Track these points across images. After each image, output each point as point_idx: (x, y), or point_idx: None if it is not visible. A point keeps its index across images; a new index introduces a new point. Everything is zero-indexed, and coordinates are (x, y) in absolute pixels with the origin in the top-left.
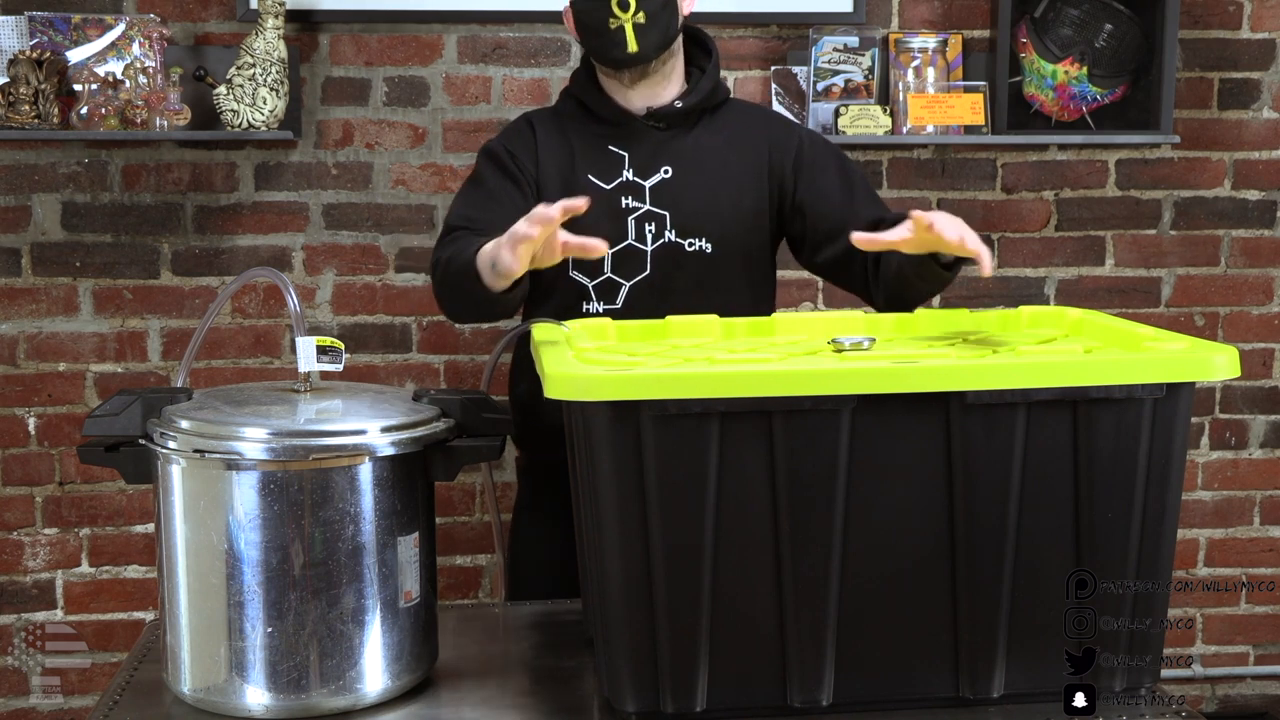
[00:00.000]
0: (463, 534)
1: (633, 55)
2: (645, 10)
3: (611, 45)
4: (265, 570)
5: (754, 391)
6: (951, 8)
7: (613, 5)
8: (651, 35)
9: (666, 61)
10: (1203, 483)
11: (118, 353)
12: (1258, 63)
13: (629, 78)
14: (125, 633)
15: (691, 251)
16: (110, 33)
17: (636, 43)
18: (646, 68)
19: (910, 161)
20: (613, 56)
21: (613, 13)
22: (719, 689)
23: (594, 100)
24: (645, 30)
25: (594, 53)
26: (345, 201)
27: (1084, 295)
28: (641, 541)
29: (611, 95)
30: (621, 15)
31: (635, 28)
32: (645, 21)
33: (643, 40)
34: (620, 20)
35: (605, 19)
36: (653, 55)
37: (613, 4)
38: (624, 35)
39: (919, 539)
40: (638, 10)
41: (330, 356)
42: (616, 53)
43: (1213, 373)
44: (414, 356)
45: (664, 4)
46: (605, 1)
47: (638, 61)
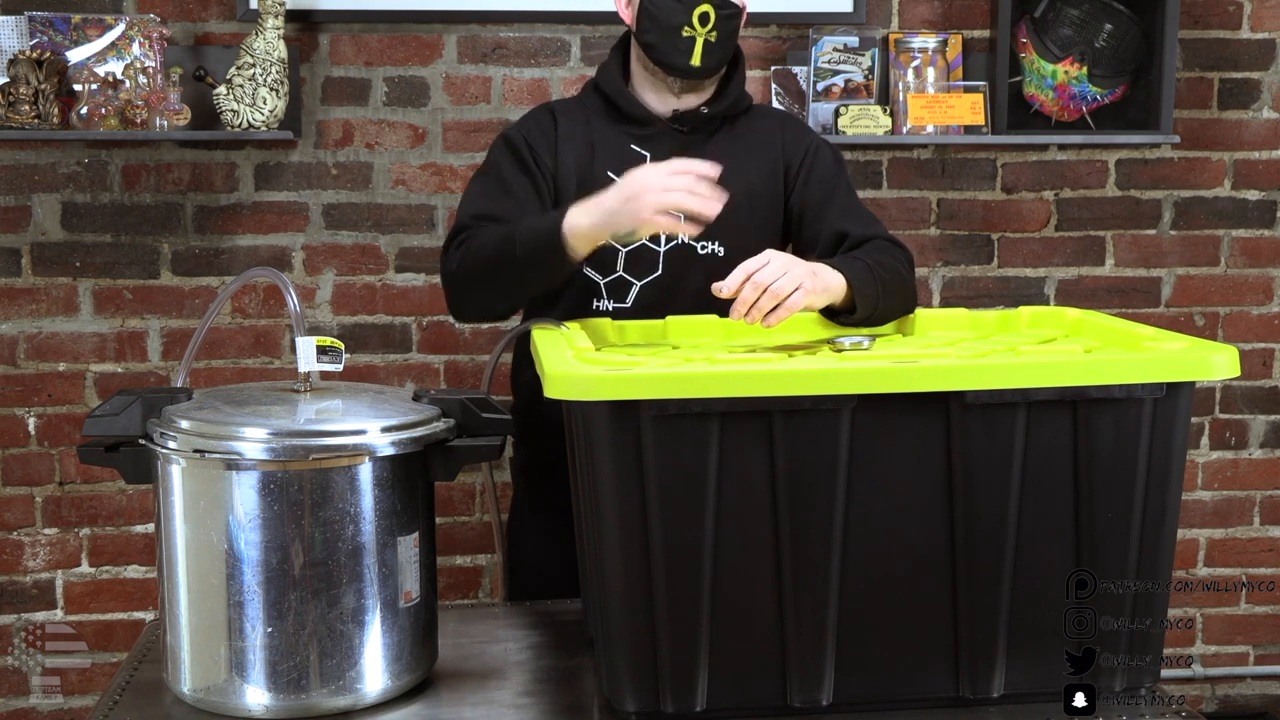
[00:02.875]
0: (463, 534)
1: (695, 69)
2: (720, 30)
3: (677, 51)
4: (265, 570)
5: (754, 391)
6: (951, 8)
7: (694, 16)
8: (716, 54)
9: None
10: (1203, 483)
11: (118, 353)
12: (1258, 63)
13: (680, 86)
14: (125, 633)
15: (704, 254)
16: (110, 33)
17: (702, 59)
18: (700, 83)
19: (910, 161)
20: (675, 63)
21: (690, 22)
22: (719, 689)
23: (621, 98)
24: (713, 49)
25: (653, 50)
26: (345, 201)
27: (1084, 295)
28: (641, 541)
29: (640, 94)
30: (699, 29)
31: (705, 44)
32: (716, 41)
33: (708, 58)
34: (695, 33)
35: (680, 25)
36: (711, 73)
37: (694, 16)
38: (693, 46)
39: (919, 539)
40: (714, 28)
41: (330, 356)
42: (680, 60)
43: (1213, 373)
44: (414, 356)
45: (733, 30)
46: (688, 9)
47: (698, 75)
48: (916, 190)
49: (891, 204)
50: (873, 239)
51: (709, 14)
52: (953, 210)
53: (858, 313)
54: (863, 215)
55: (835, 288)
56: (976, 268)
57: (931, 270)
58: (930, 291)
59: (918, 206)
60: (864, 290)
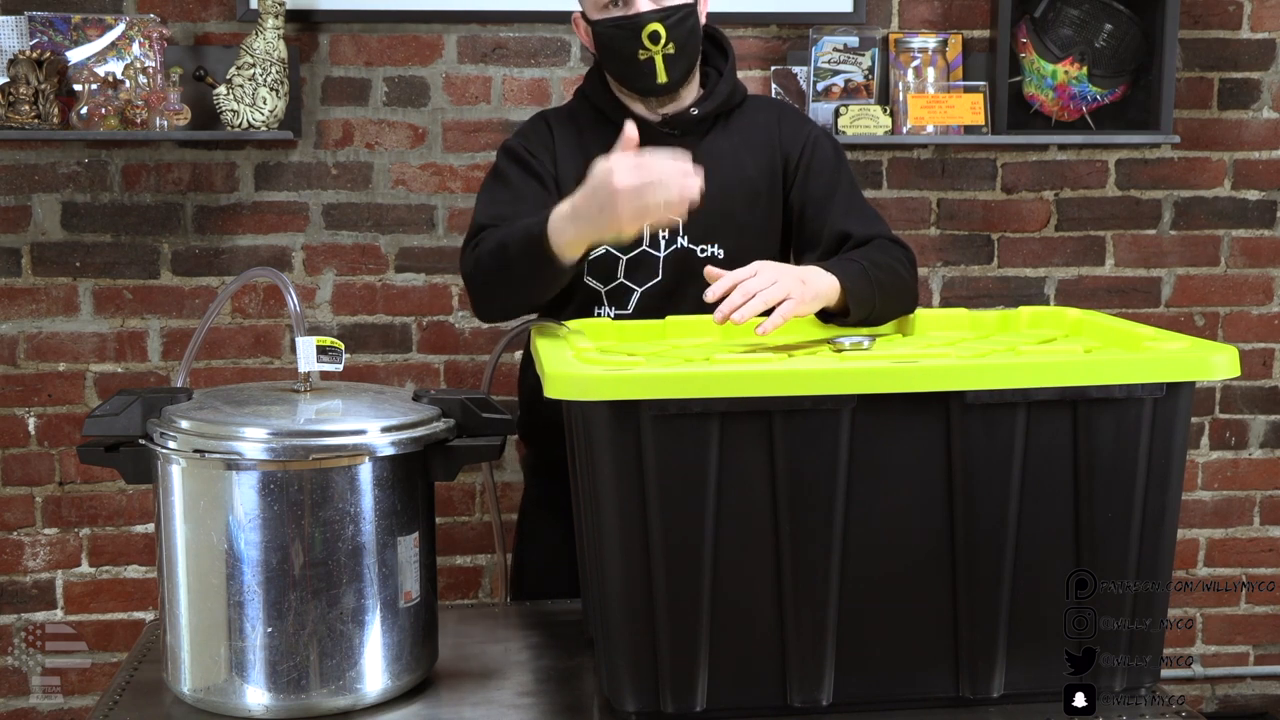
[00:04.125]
0: (463, 534)
1: (663, 85)
2: (675, 41)
3: (640, 75)
4: (265, 570)
5: (754, 391)
6: (951, 8)
7: (643, 38)
8: (680, 63)
9: (692, 80)
10: (1203, 483)
11: (118, 353)
12: (1258, 63)
13: (656, 103)
14: (125, 633)
15: (704, 258)
16: (110, 33)
17: (667, 74)
18: (676, 93)
19: (910, 161)
20: (642, 86)
21: (643, 45)
22: (719, 689)
23: (609, 106)
24: (675, 60)
25: (620, 78)
26: (345, 201)
27: (1084, 295)
28: (641, 541)
29: (627, 103)
30: (652, 48)
31: (665, 59)
32: (675, 52)
33: (673, 70)
34: (651, 52)
35: (634, 50)
36: (683, 82)
37: (643, 37)
38: (654, 66)
39: (919, 539)
40: (668, 42)
41: (330, 356)
42: (646, 83)
43: (1213, 373)
44: (414, 356)
45: (690, 30)
46: (634, 33)
47: (668, 91)
48: (916, 190)
49: (891, 204)
50: (874, 238)
51: (659, 32)
52: (953, 210)
53: (852, 315)
54: (865, 213)
55: (827, 292)
56: (976, 268)
57: (931, 270)
58: (930, 291)
59: (918, 206)
60: (858, 293)
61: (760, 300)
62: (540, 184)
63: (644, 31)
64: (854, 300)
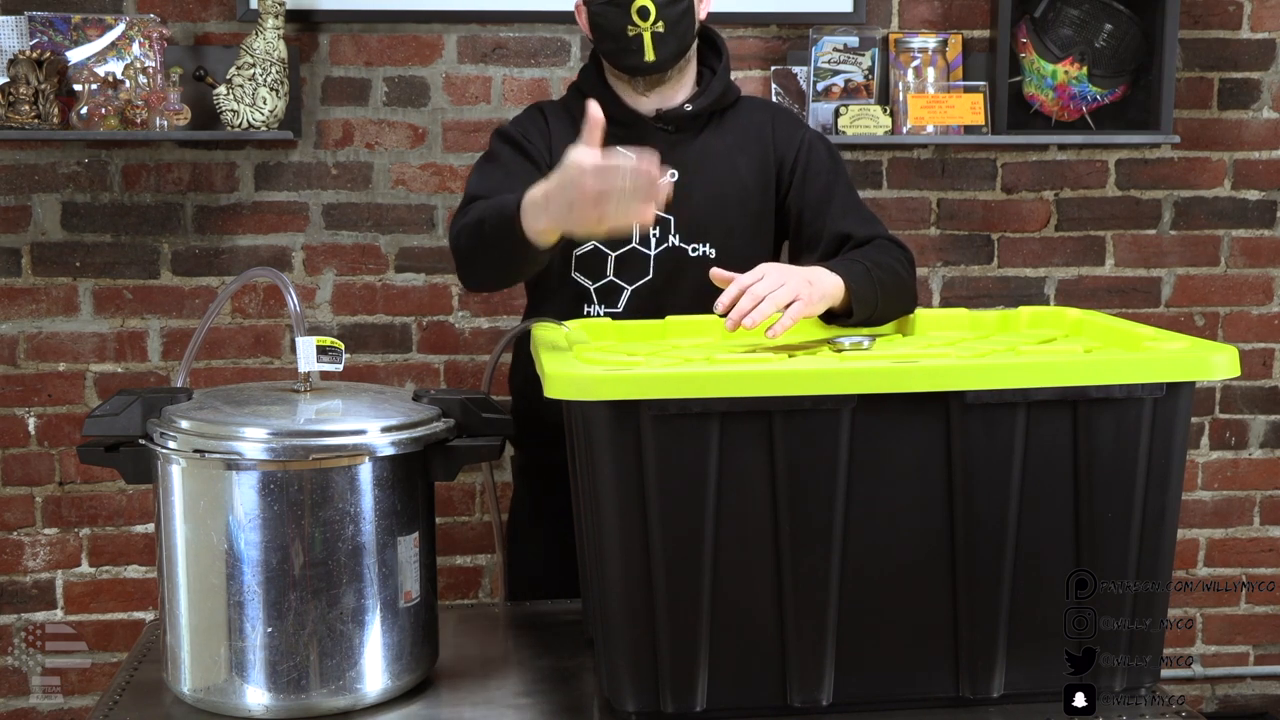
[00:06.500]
0: (463, 534)
1: (650, 64)
2: (665, 19)
3: (628, 52)
4: (265, 570)
5: (754, 391)
6: (951, 8)
7: (632, 13)
8: (670, 44)
9: (683, 69)
10: (1203, 483)
11: (118, 353)
12: (1258, 63)
13: (644, 84)
14: (125, 633)
15: (695, 257)
16: (110, 33)
17: (655, 52)
18: (663, 76)
19: (910, 161)
20: (629, 64)
21: (632, 20)
22: (719, 689)
23: (603, 100)
24: (664, 39)
25: (609, 57)
26: (345, 201)
27: (1084, 295)
28: (641, 541)
29: (621, 96)
30: (641, 24)
31: (654, 36)
32: (664, 30)
33: (661, 49)
34: (640, 29)
35: (624, 26)
36: (670, 64)
37: (632, 12)
38: (642, 44)
39: (919, 539)
40: (658, 19)
41: (330, 356)
42: (633, 60)
43: (1213, 372)
44: (414, 356)
45: (683, 12)
46: (624, 9)
47: (655, 70)
48: (916, 190)
49: (891, 204)
50: (874, 239)
51: (648, 8)
52: (953, 210)
53: (855, 315)
54: (863, 214)
55: (832, 293)
56: (976, 268)
57: (931, 270)
58: (930, 291)
59: (918, 206)
60: (862, 293)
61: (770, 303)
62: (534, 166)
63: (634, 6)
64: (858, 300)
